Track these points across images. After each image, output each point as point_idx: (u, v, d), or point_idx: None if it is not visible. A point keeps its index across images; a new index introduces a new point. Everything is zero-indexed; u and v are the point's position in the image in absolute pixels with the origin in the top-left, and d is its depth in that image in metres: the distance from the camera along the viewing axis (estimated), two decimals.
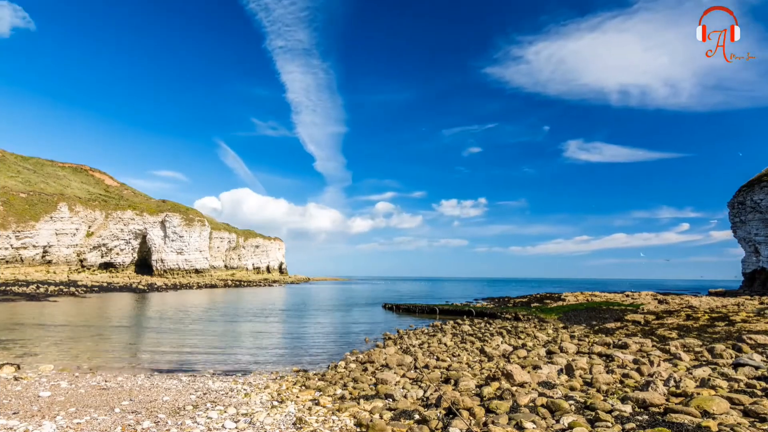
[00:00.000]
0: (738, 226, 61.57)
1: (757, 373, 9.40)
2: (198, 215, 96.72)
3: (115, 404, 8.26)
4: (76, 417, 7.31)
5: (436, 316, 32.09)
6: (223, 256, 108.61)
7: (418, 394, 8.88)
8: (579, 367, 10.68)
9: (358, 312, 35.74)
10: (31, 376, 10.62)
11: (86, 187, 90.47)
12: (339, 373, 11.81)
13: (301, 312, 34.68)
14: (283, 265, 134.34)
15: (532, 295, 51.47)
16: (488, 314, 30.22)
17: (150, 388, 9.71)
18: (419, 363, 12.45)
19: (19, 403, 8.07)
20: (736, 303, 30.84)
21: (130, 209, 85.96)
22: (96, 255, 79.53)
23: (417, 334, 20.05)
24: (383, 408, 7.95)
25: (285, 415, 7.62)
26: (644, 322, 22.15)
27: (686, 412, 6.58)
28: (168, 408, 8.09)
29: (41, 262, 67.43)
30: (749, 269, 60.01)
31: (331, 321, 28.55)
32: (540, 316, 27.79)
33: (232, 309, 35.78)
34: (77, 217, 73.88)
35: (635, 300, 38.92)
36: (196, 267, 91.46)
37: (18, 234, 63.32)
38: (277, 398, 8.98)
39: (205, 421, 7.25)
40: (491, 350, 14.37)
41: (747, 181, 61.56)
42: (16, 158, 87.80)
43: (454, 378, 10.12)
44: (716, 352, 12.20)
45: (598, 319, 25.87)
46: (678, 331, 17.91)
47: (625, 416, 6.82)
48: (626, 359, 11.61)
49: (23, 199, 67.48)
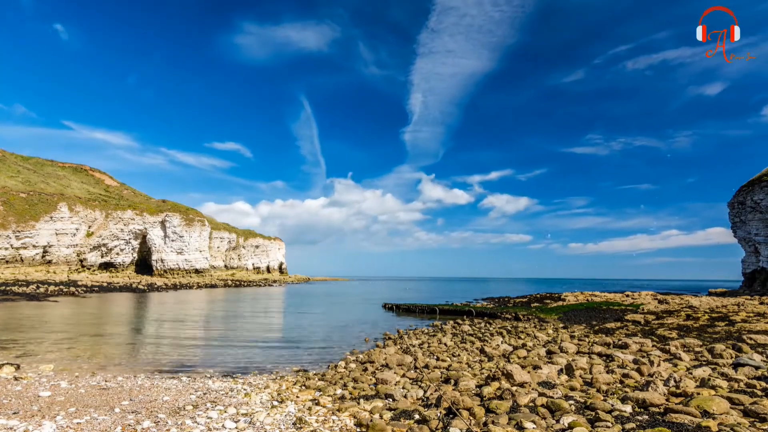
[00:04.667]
0: (738, 226, 61.54)
1: (757, 373, 9.40)
2: (198, 215, 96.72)
3: (115, 404, 8.25)
4: (76, 417, 7.31)
5: (436, 316, 32.08)
6: (223, 256, 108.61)
7: (418, 394, 8.88)
8: (579, 367, 10.68)
9: (358, 312, 35.74)
10: (31, 376, 10.62)
11: (86, 187, 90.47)
12: (339, 373, 11.81)
13: (301, 312, 34.68)
14: (283, 265, 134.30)
15: (532, 295, 51.49)
16: (488, 314, 30.21)
17: (150, 388, 9.71)
18: (419, 363, 12.44)
19: (19, 403, 8.07)
20: (736, 303, 30.84)
21: (130, 209, 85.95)
22: (96, 255, 79.52)
23: (417, 334, 20.04)
24: (383, 408, 7.94)
25: (285, 415, 7.62)
26: (644, 322, 22.14)
27: (686, 412, 6.58)
28: (168, 408, 8.09)
29: (41, 262, 67.42)
30: (749, 269, 59.99)
31: (331, 321, 28.54)
32: (540, 316, 27.78)
33: (232, 309, 35.78)
34: (77, 217, 73.86)
35: (635, 300, 38.92)
36: (196, 267, 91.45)
37: (18, 234, 63.32)
38: (277, 398, 8.98)
39: (205, 421, 7.25)
40: (491, 350, 14.37)
41: (747, 181, 61.53)
42: (16, 158, 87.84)
43: (454, 378, 10.11)
44: (716, 352, 12.20)
45: (598, 319, 25.87)
46: (678, 331, 17.90)
47: (625, 416, 6.82)
48: (626, 359, 11.61)
49: (23, 199, 67.48)
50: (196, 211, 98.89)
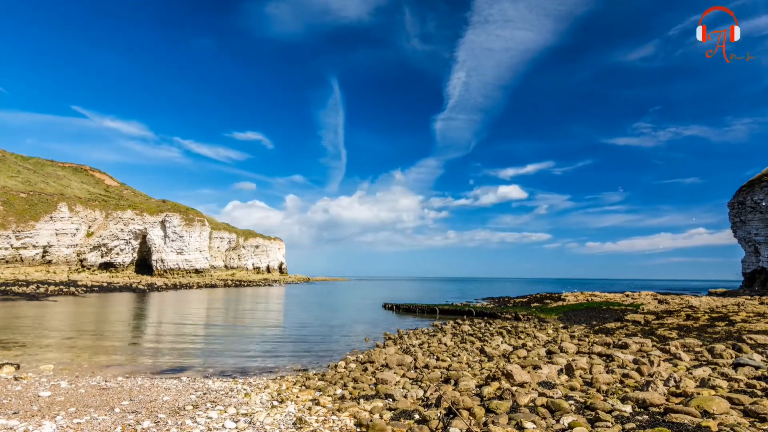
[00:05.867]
0: (738, 226, 61.53)
1: (757, 373, 9.40)
2: (198, 215, 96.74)
3: (115, 404, 8.25)
4: (76, 417, 7.31)
5: (436, 316, 32.09)
6: (223, 256, 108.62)
7: (418, 393, 8.88)
8: (579, 367, 10.68)
9: (358, 312, 35.74)
10: (31, 376, 10.62)
11: (86, 187, 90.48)
12: (339, 372, 11.81)
13: (301, 312, 34.68)
14: (283, 265, 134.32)
15: (532, 295, 51.51)
16: (488, 314, 30.21)
17: (150, 388, 9.71)
18: (419, 363, 12.44)
19: (19, 403, 8.07)
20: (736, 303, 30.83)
21: (130, 209, 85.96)
22: (96, 255, 79.52)
23: (417, 334, 20.04)
24: (383, 408, 7.94)
25: (285, 415, 7.62)
26: (644, 322, 22.14)
27: (686, 412, 6.58)
28: (168, 408, 8.08)
29: (41, 262, 67.42)
30: (749, 269, 59.99)
31: (331, 321, 28.54)
32: (540, 316, 27.79)
33: (232, 309, 35.78)
34: (77, 217, 73.87)
35: (635, 300, 38.92)
36: (196, 267, 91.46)
37: (18, 234, 63.33)
38: (277, 398, 8.98)
39: (205, 421, 7.24)
40: (491, 350, 14.37)
41: (747, 181, 61.53)
42: (16, 158, 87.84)
43: (454, 378, 10.11)
44: (716, 352, 12.20)
45: (598, 319, 25.87)
46: (678, 331, 17.90)
47: (625, 416, 6.82)
48: (626, 359, 11.61)
49: (23, 199, 67.48)
50: (196, 210, 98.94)
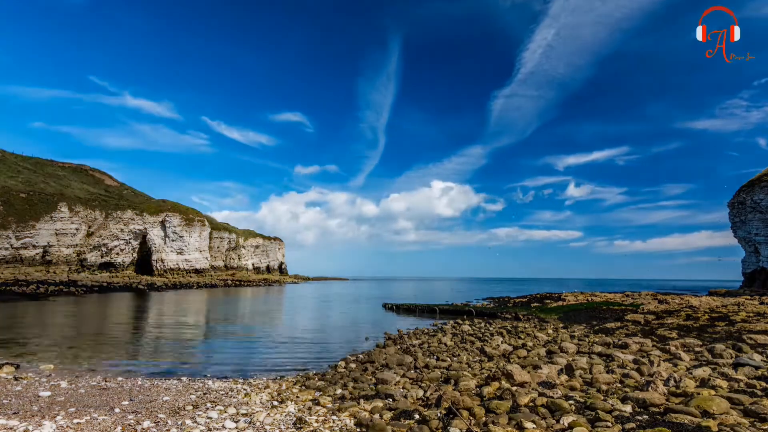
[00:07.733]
0: (738, 226, 61.52)
1: (757, 373, 9.40)
2: (198, 215, 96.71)
3: (115, 404, 8.25)
4: (76, 417, 7.30)
5: (437, 316, 32.08)
6: (223, 256, 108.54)
7: (419, 394, 8.88)
8: (579, 367, 10.67)
9: (359, 312, 35.73)
10: (31, 376, 10.62)
11: (86, 187, 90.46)
12: (339, 373, 11.81)
13: (301, 312, 34.67)
14: (283, 265, 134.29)
15: (532, 295, 51.49)
16: (488, 314, 30.22)
17: (150, 388, 9.70)
18: (419, 363, 12.44)
19: (19, 403, 8.07)
20: (736, 303, 30.82)
21: (130, 209, 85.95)
22: (96, 255, 79.50)
23: (417, 334, 20.04)
24: (383, 408, 7.94)
25: (285, 415, 7.61)
26: (644, 322, 22.13)
27: (686, 411, 6.57)
28: (168, 408, 8.08)
29: (41, 262, 67.40)
30: (749, 269, 59.98)
31: (331, 321, 28.54)
32: (540, 316, 27.78)
33: (232, 309, 35.77)
34: (77, 217, 73.86)
35: (635, 300, 38.89)
36: (196, 267, 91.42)
37: (18, 234, 63.31)
38: (277, 398, 8.98)
39: (205, 421, 7.24)
40: (491, 350, 14.36)
41: (747, 181, 61.52)
42: (16, 158, 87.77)
43: (454, 378, 10.11)
44: (716, 352, 12.20)
45: (598, 319, 25.86)
46: (678, 331, 17.90)
47: (625, 416, 6.81)
48: (626, 359, 11.61)
49: (23, 199, 67.47)
50: (195, 211, 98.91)
